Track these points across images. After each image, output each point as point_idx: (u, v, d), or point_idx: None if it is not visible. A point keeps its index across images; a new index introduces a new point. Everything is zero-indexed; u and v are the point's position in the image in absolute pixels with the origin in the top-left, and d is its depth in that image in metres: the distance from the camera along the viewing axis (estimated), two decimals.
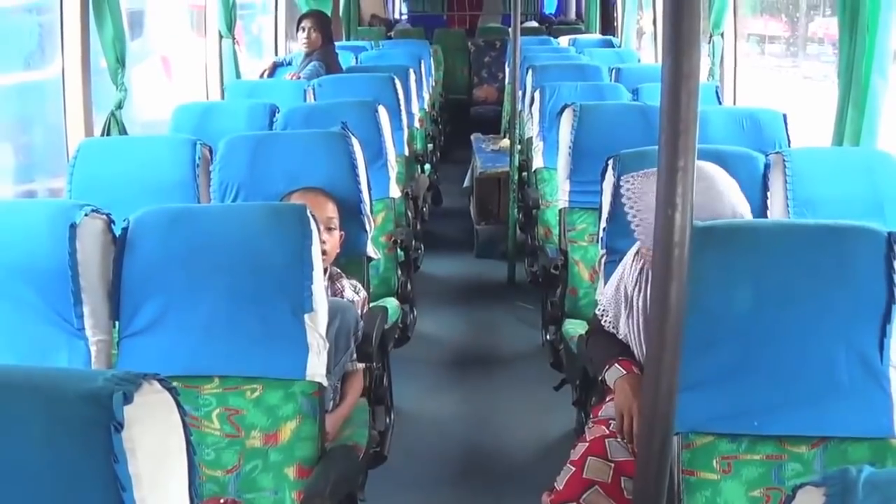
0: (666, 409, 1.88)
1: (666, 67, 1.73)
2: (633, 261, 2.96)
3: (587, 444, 2.94)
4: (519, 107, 7.43)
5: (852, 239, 2.50)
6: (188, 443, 1.58)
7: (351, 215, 3.87)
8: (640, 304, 2.92)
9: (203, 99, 7.45)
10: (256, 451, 2.78)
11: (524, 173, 6.87)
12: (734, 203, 2.79)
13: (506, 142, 8.35)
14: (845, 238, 2.51)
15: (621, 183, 2.92)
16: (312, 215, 2.89)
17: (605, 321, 3.07)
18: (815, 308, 2.47)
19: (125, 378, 1.47)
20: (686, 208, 1.75)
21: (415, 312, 5.14)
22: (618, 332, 3.03)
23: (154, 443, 1.49)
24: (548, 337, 4.77)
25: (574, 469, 2.87)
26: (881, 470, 1.38)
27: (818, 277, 2.48)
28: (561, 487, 2.85)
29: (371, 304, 3.88)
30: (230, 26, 7.64)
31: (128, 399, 1.44)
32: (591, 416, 3.12)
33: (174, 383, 1.58)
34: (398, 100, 6.12)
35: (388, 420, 3.75)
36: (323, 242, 3.07)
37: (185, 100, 5.77)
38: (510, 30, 7.48)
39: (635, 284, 2.93)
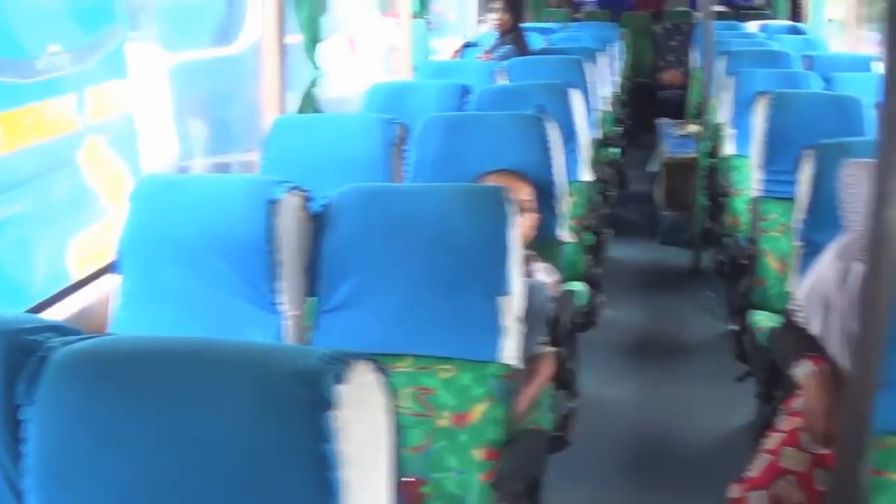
0: (866, 407, 1.84)
1: (887, 63, 1.69)
2: (833, 260, 2.87)
3: (783, 434, 2.88)
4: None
5: None
6: (394, 426, 1.59)
7: (544, 199, 3.87)
8: (843, 304, 2.82)
9: (388, 78, 7.52)
10: (445, 432, 2.78)
11: (713, 160, 6.75)
12: None
13: (693, 127, 8.22)
14: None
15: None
16: (511, 198, 2.88)
17: (799, 316, 3.00)
18: None
19: (337, 357, 1.48)
20: None
21: (601, 297, 5.10)
22: (809, 329, 2.95)
23: (363, 424, 1.50)
24: (733, 327, 4.68)
25: (771, 458, 2.82)
26: None
27: None
28: (755, 475, 2.81)
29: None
30: (424, 5, 7.67)
31: (341, 379, 1.45)
32: (783, 407, 3.06)
33: None
34: (586, 83, 6.05)
35: (571, 405, 3.73)
36: None
37: (370, 78, 5.85)
38: (699, 14, 7.33)
39: (838, 285, 2.85)
